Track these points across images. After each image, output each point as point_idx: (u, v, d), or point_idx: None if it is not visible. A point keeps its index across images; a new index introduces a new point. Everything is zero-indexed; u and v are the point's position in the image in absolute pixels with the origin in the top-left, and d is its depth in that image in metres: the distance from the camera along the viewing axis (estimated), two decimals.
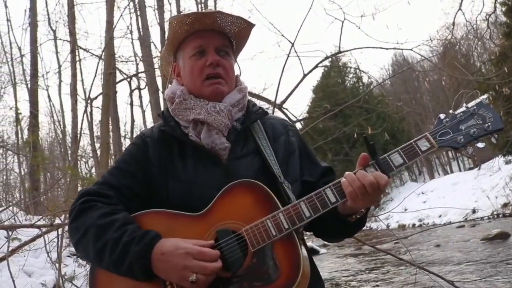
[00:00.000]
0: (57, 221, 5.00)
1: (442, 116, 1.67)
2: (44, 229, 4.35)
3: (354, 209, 1.62)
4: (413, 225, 26.01)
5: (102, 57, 6.63)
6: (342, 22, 8.50)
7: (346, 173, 1.59)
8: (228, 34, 1.88)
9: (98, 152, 7.76)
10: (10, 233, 4.05)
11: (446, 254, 11.26)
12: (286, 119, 2.07)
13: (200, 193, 1.67)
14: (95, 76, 7.15)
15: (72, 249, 8.45)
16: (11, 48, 16.06)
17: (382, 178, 1.55)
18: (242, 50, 2.03)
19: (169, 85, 1.97)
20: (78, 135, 7.37)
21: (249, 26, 1.89)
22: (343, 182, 1.58)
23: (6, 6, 14.92)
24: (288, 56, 6.01)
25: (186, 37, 1.86)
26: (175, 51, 1.93)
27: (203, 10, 1.90)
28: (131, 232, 1.56)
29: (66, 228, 5.07)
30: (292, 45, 6.14)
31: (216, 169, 1.72)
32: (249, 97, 1.98)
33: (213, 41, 1.82)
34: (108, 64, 6.71)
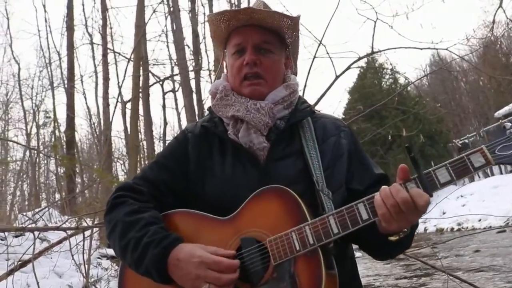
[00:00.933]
0: (84, 224, 5.05)
1: (508, 124, 1.41)
2: (70, 232, 4.40)
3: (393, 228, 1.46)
4: (452, 229, 25.35)
5: (131, 59, 6.70)
6: (375, 22, 8.31)
7: (382, 187, 1.42)
8: (273, 28, 1.77)
9: None
10: (36, 235, 4.11)
11: (485, 261, 10.90)
12: (339, 119, 1.96)
13: (234, 193, 1.62)
14: (124, 79, 7.30)
15: (102, 251, 8.65)
16: (49, 52, 16.53)
17: (421, 197, 1.36)
18: (298, 42, 1.89)
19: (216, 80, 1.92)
20: (108, 138, 7.48)
21: (288, 18, 1.77)
22: (376, 198, 1.42)
23: (45, 11, 15.23)
24: (314, 57, 5.90)
25: (230, 34, 1.81)
26: (224, 48, 1.89)
27: (235, 8, 1.86)
28: (152, 233, 1.54)
29: (94, 230, 5.16)
30: (320, 44, 6.02)
31: (253, 170, 1.66)
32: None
33: (252, 37, 1.75)
34: (136, 68, 6.77)
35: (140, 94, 10.66)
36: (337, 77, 8.68)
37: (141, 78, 8.17)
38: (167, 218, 1.66)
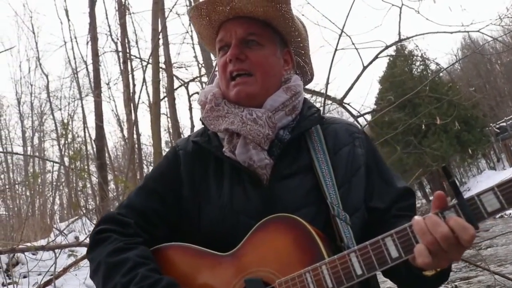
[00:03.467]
0: None
1: None
2: None
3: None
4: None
5: (149, 62, 6.57)
6: (400, 8, 8.00)
7: (415, 219, 1.15)
8: (260, 17, 1.50)
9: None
10: (57, 254, 4.03)
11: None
12: (354, 123, 1.68)
13: (234, 221, 1.38)
14: (143, 85, 7.19)
15: None
16: (75, 61, 16.69)
17: (466, 231, 1.08)
18: (295, 31, 1.58)
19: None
20: (133, 144, 7.39)
21: (276, 2, 1.46)
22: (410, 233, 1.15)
23: (68, 19, 15.32)
24: (336, 50, 5.64)
25: (217, 32, 1.56)
26: (214, 47, 1.62)
27: None
28: (140, 278, 1.31)
29: None
30: (341, 34, 5.75)
31: (255, 192, 1.40)
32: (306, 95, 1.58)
33: (236, 30, 1.49)
34: (155, 72, 6.64)
35: (166, 98, 10.62)
36: (364, 67, 8.41)
37: (161, 82, 8.06)
38: (158, 254, 1.42)
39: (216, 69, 1.59)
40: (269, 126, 1.42)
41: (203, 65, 18.80)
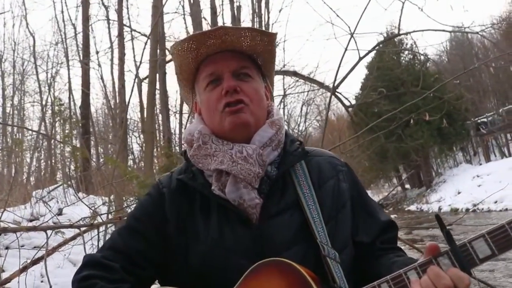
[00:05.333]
0: (99, 219, 4.93)
1: None
2: (83, 229, 4.28)
3: None
4: (467, 209, 25.13)
5: (148, 42, 6.43)
6: (403, 2, 7.96)
7: (423, 279, 1.15)
8: (247, 52, 1.50)
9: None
10: (49, 234, 3.98)
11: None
12: (335, 155, 1.67)
13: (224, 260, 1.33)
14: (141, 62, 7.02)
15: None
16: (64, 25, 16.29)
17: (463, 280, 1.12)
18: (273, 67, 1.62)
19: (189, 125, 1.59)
20: (124, 120, 7.27)
21: (269, 36, 1.50)
22: (414, 285, 1.16)
23: None
24: (346, 49, 5.60)
25: (198, 66, 1.51)
26: (192, 86, 1.58)
27: (204, 30, 1.50)
28: None
29: (109, 226, 5.04)
30: (351, 37, 5.73)
31: (244, 231, 1.36)
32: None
33: (228, 64, 1.46)
34: (153, 51, 6.49)
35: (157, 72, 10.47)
36: (360, 58, 8.40)
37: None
38: None
39: (201, 105, 1.53)
40: (259, 164, 1.39)
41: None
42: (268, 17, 17.30)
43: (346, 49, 5.61)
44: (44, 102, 20.25)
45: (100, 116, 29.81)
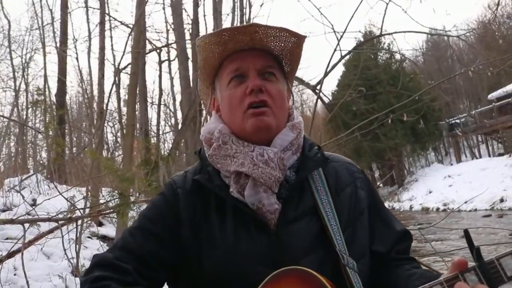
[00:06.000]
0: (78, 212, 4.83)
1: None
2: (61, 222, 4.17)
3: None
4: (437, 209, 25.61)
5: (132, 34, 6.29)
6: (387, 3, 7.98)
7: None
8: (274, 52, 1.47)
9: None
10: (26, 227, 3.87)
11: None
12: (351, 161, 1.63)
13: (239, 265, 1.28)
14: (124, 54, 6.92)
15: (93, 229, 8.48)
16: (41, 10, 15.89)
17: None
18: (296, 71, 1.58)
19: (206, 122, 1.55)
20: (104, 112, 7.12)
21: (299, 38, 1.45)
22: None
23: None
24: (336, 49, 5.58)
25: (222, 61, 1.47)
26: (212, 81, 1.53)
27: (236, 25, 1.44)
28: None
29: (86, 220, 4.95)
30: (342, 36, 5.71)
31: (261, 236, 1.31)
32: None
33: (254, 62, 1.42)
34: (137, 43, 6.36)
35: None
36: (342, 57, 8.42)
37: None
38: None
39: (221, 102, 1.48)
40: (280, 168, 1.35)
41: (172, 28, 18.51)
42: (250, 11, 17.20)
43: (335, 50, 5.59)
44: (17, 88, 19.84)
45: (74, 104, 29.36)
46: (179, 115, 21.65)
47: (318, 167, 1.44)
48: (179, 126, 17.77)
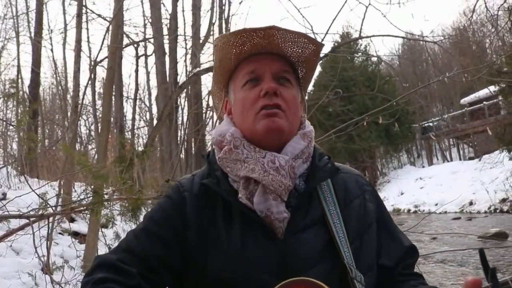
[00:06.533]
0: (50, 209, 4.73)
1: None
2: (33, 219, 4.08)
3: None
4: (409, 210, 26.03)
5: (110, 28, 6.17)
6: (367, 7, 8.03)
7: None
8: (291, 58, 1.45)
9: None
10: None
11: (441, 250, 11.03)
12: (360, 173, 1.60)
13: (245, 273, 1.25)
14: (101, 48, 6.81)
15: (65, 225, 8.32)
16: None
17: None
18: (311, 80, 1.54)
19: (217, 124, 1.53)
20: (79, 106, 7.00)
21: (317, 46, 1.43)
22: None
23: None
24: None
25: (238, 64, 1.45)
26: (226, 83, 1.51)
27: (255, 26, 1.42)
28: None
29: (57, 217, 4.85)
30: (324, 37, 5.70)
31: (269, 244, 1.28)
32: None
33: (270, 65, 1.39)
34: (115, 37, 6.25)
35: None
36: (320, 58, 8.41)
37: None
38: None
39: (233, 104, 1.46)
40: (290, 176, 1.32)
41: (150, 21, 18.32)
42: (229, 8, 17.15)
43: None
44: None
45: (48, 95, 28.81)
46: (154, 110, 21.52)
47: (328, 178, 1.41)
48: (154, 122, 17.66)
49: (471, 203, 21.89)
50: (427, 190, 27.47)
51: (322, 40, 5.70)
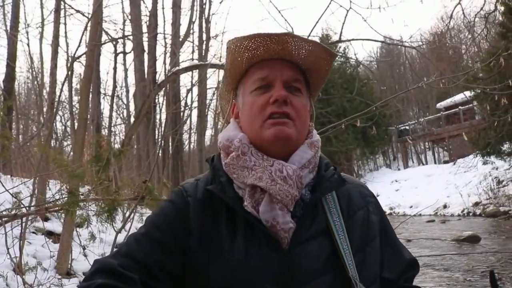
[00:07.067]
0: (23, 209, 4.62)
1: None
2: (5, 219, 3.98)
3: None
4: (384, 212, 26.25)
5: (88, 27, 6.08)
6: (347, 10, 8.06)
7: None
8: (303, 66, 1.42)
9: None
10: None
11: (416, 253, 11.20)
12: (363, 184, 1.58)
13: (247, 282, 1.23)
14: (79, 44, 6.69)
15: (38, 224, 8.16)
16: None
17: None
18: (320, 89, 1.53)
19: (224, 128, 1.48)
20: (56, 103, 6.88)
21: (330, 56, 1.41)
22: None
23: None
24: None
25: (249, 68, 1.42)
26: (235, 86, 1.48)
27: (269, 32, 1.38)
28: None
29: (30, 217, 4.74)
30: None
31: (273, 254, 1.26)
32: None
33: (282, 72, 1.37)
34: (94, 34, 6.15)
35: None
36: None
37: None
38: None
39: (241, 108, 1.43)
40: (297, 186, 1.30)
41: (129, 18, 18.13)
42: (210, 7, 17.10)
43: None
44: None
45: (23, 90, 28.34)
46: (132, 107, 21.33)
47: (334, 189, 1.38)
48: (132, 120, 17.47)
49: (445, 206, 22.22)
50: (402, 192, 27.80)
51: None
